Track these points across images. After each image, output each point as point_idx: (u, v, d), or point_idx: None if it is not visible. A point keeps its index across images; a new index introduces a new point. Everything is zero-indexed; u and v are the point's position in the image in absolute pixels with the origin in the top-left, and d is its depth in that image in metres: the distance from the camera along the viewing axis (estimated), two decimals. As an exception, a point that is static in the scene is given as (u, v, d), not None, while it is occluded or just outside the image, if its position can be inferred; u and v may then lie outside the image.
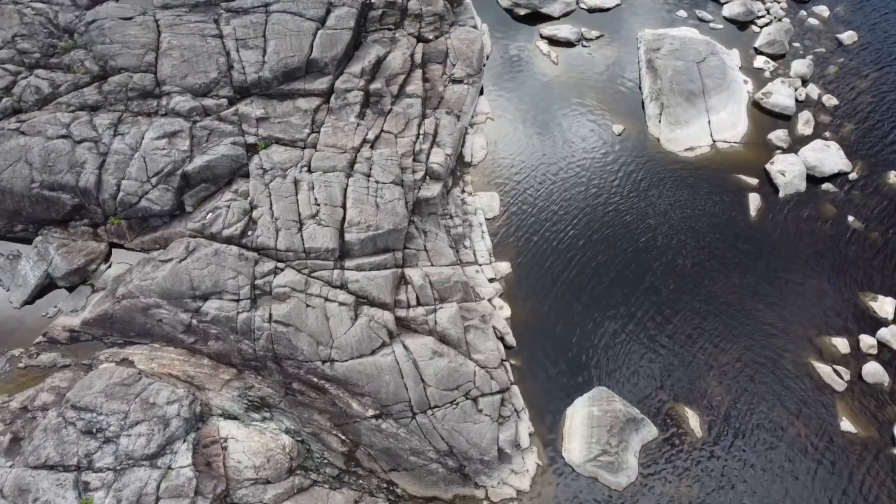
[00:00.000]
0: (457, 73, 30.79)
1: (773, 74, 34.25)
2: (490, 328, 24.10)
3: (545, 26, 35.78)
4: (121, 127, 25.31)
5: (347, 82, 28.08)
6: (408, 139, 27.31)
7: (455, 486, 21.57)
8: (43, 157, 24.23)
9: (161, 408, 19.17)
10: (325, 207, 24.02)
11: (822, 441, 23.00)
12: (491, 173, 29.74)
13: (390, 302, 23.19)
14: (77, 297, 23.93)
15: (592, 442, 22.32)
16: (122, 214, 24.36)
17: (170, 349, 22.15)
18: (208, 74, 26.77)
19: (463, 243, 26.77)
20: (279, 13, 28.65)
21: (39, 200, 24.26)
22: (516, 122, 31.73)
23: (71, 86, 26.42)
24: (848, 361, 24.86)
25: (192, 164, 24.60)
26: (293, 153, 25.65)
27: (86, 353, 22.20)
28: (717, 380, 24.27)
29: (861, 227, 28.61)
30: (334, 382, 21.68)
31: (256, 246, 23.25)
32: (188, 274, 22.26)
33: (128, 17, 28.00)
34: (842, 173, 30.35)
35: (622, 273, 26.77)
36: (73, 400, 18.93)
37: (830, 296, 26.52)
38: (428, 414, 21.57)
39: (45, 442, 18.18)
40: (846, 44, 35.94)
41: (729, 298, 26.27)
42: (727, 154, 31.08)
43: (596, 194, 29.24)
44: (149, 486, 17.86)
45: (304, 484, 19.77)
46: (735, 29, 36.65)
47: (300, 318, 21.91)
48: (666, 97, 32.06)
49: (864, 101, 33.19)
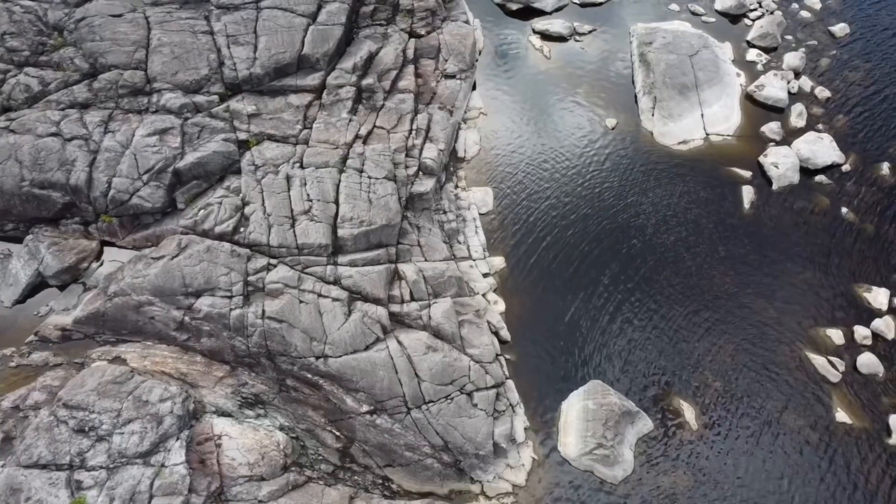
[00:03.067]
0: (449, 69, 30.71)
1: (765, 67, 34.25)
2: (484, 323, 24.05)
3: (538, 21, 35.71)
4: (111, 124, 25.14)
5: (339, 78, 27.97)
6: (400, 135, 27.23)
7: (451, 481, 21.50)
8: (33, 155, 24.06)
9: (154, 405, 19.06)
10: (318, 203, 23.93)
11: (818, 432, 23.00)
12: (484, 168, 29.66)
13: (384, 297, 23.11)
14: (69, 295, 23.79)
15: (588, 435, 22.27)
16: (114, 212, 24.20)
17: (162, 347, 22.04)
18: (199, 71, 26.62)
19: (457, 238, 26.70)
20: (270, 9, 28.49)
21: (30, 199, 24.10)
22: (509, 117, 31.65)
23: (61, 83, 26.23)
24: (842, 352, 24.87)
25: (184, 161, 24.45)
26: (285, 149, 25.53)
27: (78, 351, 22.06)
28: (712, 372, 24.26)
29: (854, 218, 28.62)
30: (328, 378, 21.59)
31: (249, 242, 23.14)
32: (180, 271, 22.14)
33: (117, 14, 27.79)
34: (835, 165, 30.37)
35: (616, 267, 26.74)
36: (65, 398, 18.79)
37: (824, 287, 26.54)
38: (423, 409, 21.50)
39: (38, 441, 18.03)
40: (838, 36, 35.98)
41: (724, 291, 26.26)
42: (720, 147, 31.06)
43: (589, 189, 29.19)
44: (142, 484, 17.76)
45: (298, 480, 19.69)
46: (727, 22, 36.65)
47: (293, 315, 21.81)
48: (659, 91, 32.02)
49: (857, 93, 33.23)
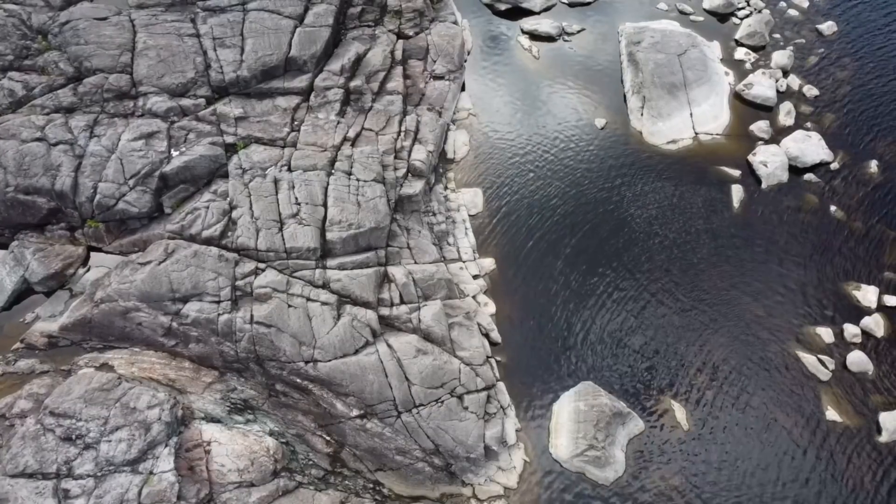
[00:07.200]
0: (438, 70, 30.62)
1: (753, 66, 34.30)
2: (475, 325, 23.98)
3: (526, 21, 35.65)
4: (97, 129, 24.92)
5: (327, 80, 27.85)
6: (389, 136, 27.12)
7: (442, 484, 21.42)
8: (17, 160, 23.80)
9: (142, 412, 18.88)
10: (306, 206, 23.79)
11: (808, 431, 23.03)
12: (474, 169, 29.58)
13: (373, 300, 23.00)
14: (55, 302, 23.55)
15: (579, 437, 22.24)
16: (100, 217, 23.99)
17: (150, 353, 21.84)
18: (185, 74, 26.44)
19: (446, 240, 26.60)
20: (257, 11, 28.36)
21: (14, 204, 23.83)
22: (498, 118, 31.58)
23: (45, 88, 25.96)
24: (832, 351, 24.91)
25: (170, 165, 24.27)
26: (273, 152, 25.38)
27: (64, 358, 21.85)
28: (702, 372, 24.27)
29: (843, 216, 28.69)
30: (318, 383, 21.47)
31: (237, 247, 22.98)
32: (167, 276, 21.96)
33: (102, 17, 27.59)
34: (824, 163, 30.43)
35: (606, 268, 26.71)
36: (51, 406, 18.58)
37: (814, 286, 26.59)
38: (413, 412, 21.40)
39: (24, 450, 17.83)
40: (826, 34, 36.07)
41: (713, 290, 26.27)
42: (709, 146, 31.09)
43: (579, 189, 29.15)
44: (130, 493, 17.59)
45: (289, 486, 19.55)
46: (715, 21, 36.69)
47: (282, 319, 21.68)
48: (647, 90, 32.02)
49: (845, 91, 33.32)
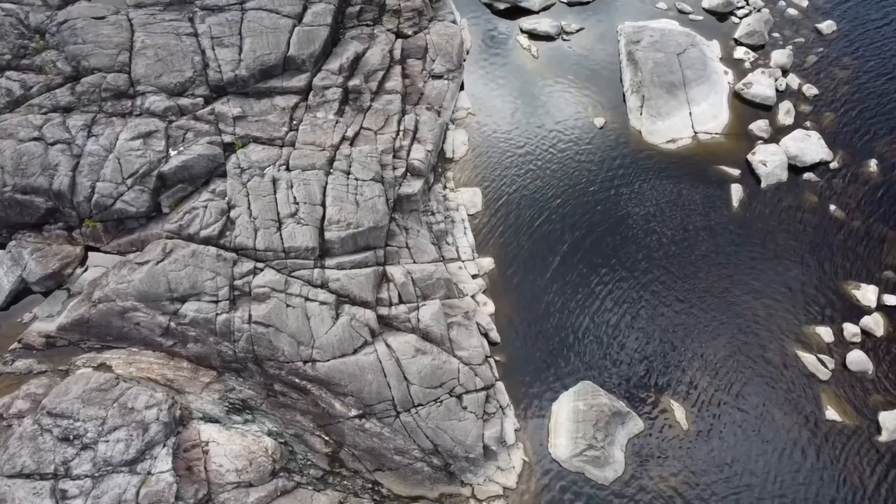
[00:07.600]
0: (436, 69, 30.57)
1: (753, 65, 34.25)
2: (474, 325, 23.93)
3: (525, 20, 35.57)
4: (94, 128, 24.86)
5: (326, 79, 27.79)
6: (388, 136, 27.06)
7: (441, 484, 21.36)
8: (15, 160, 23.74)
9: (140, 412, 18.83)
10: (305, 206, 23.73)
11: (808, 430, 22.99)
12: (473, 169, 29.53)
13: (372, 300, 22.95)
14: (53, 302, 23.48)
15: (578, 437, 22.19)
16: (98, 217, 23.93)
17: (148, 353, 21.79)
18: (183, 73, 26.38)
19: (445, 240, 26.55)
20: (255, 10, 28.29)
21: (12, 204, 23.77)
22: (497, 117, 31.52)
23: (43, 87, 25.89)
24: (832, 350, 24.87)
25: (168, 165, 24.21)
26: (271, 152, 25.32)
27: (62, 358, 21.79)
28: (701, 371, 24.23)
29: (843, 215, 28.65)
30: (316, 383, 21.41)
31: (235, 246, 22.92)
32: (165, 276, 21.90)
33: (100, 16, 27.52)
34: (823, 162, 30.38)
35: (606, 267, 26.66)
36: (49, 406, 18.53)
37: (813, 285, 26.55)
38: (412, 412, 21.35)
39: (21, 450, 17.78)
40: (825, 33, 36.01)
41: (712, 289, 26.23)
42: (709, 145, 31.05)
43: (578, 189, 29.10)
44: (128, 493, 17.53)
45: (287, 486, 19.50)
46: (715, 20, 36.61)
47: (280, 319, 21.62)
48: (647, 89, 31.97)
49: (844, 90, 33.27)
